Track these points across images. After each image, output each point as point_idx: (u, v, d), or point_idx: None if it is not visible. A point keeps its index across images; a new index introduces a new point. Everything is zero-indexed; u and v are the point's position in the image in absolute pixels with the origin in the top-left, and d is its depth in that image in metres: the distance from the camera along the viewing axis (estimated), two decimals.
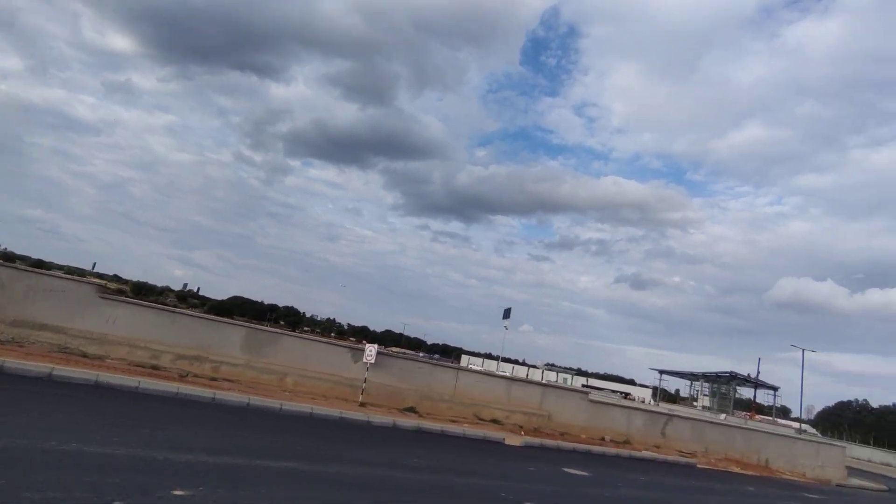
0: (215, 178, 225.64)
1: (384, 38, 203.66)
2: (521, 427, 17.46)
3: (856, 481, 26.27)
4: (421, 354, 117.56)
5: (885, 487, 25.54)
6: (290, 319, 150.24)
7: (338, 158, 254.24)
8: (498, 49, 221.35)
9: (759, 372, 72.23)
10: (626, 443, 19.80)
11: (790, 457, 23.94)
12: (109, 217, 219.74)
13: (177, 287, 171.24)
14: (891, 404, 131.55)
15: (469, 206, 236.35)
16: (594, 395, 21.09)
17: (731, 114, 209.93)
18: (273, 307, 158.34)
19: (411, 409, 16.17)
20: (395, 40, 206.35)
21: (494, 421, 17.60)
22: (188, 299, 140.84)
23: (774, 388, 75.26)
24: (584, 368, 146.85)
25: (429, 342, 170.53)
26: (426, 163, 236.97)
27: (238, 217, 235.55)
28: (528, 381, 18.94)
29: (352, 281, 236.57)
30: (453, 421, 16.31)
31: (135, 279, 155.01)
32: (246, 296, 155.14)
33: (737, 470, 19.73)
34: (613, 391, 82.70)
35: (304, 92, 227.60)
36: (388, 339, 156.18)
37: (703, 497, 12.19)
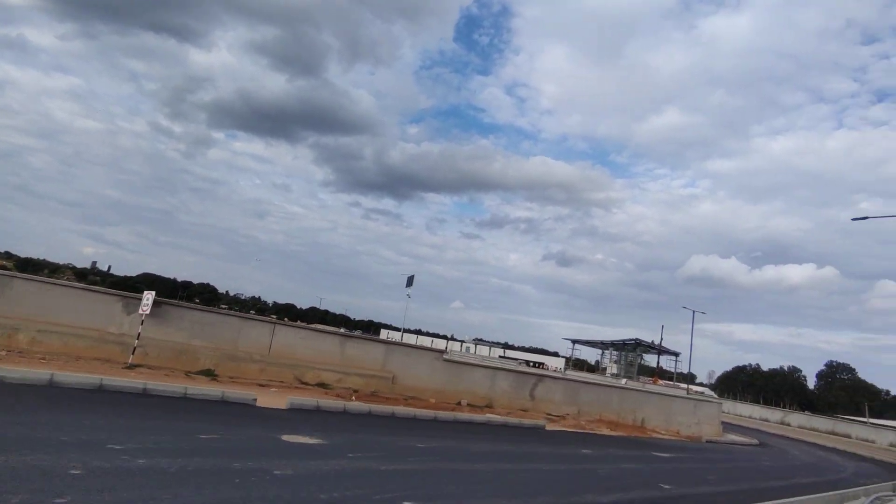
0: (129, 150, 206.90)
1: (315, 6, 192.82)
2: (354, 391, 14.66)
3: (731, 437, 25.77)
4: (342, 329, 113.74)
5: (755, 441, 25.13)
6: (205, 297, 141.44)
7: (265, 131, 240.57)
8: (432, 24, 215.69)
9: (661, 339, 74.22)
10: (489, 407, 17.55)
11: (667, 415, 22.77)
12: (1, 189, 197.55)
13: (84, 265, 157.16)
14: (778, 367, 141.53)
15: (401, 184, 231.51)
16: (454, 355, 18.67)
17: (652, 99, 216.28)
18: (187, 284, 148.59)
19: (207, 372, 12.92)
20: (326, 8, 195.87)
21: (322, 385, 14.69)
22: (88, 277, 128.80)
23: (676, 354, 77.68)
24: (511, 343, 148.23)
25: (354, 318, 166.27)
26: (358, 138, 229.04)
27: (156, 191, 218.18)
28: (367, 339, 16.14)
29: (281, 259, 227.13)
30: (263, 385, 13.24)
31: (36, 256, 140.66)
32: (164, 274, 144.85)
33: (605, 431, 17.99)
34: (528, 361, 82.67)
35: (227, 59, 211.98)
36: (312, 317, 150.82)
37: (520, 465, 9.87)
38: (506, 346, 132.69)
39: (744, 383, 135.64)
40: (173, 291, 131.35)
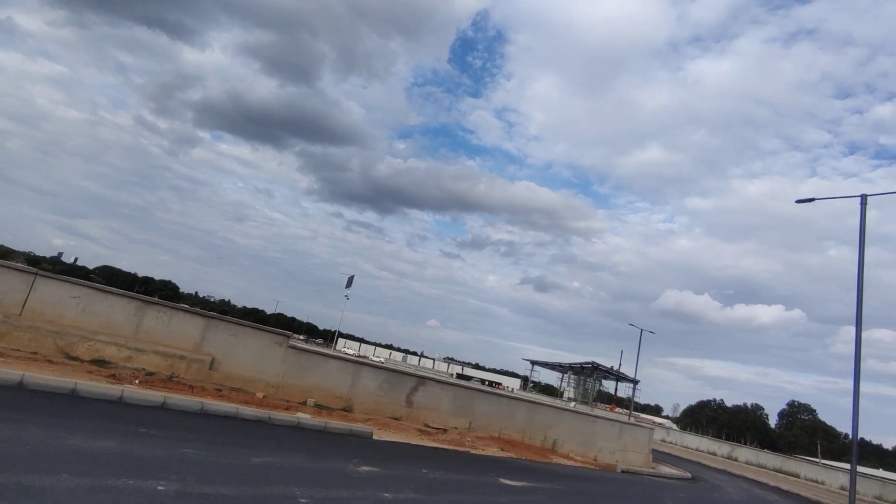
0: (110, 142, 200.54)
1: (313, 14, 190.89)
2: (148, 374, 10.97)
3: (662, 468, 22.45)
4: (301, 337, 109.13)
5: (688, 475, 21.81)
6: (165, 294, 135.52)
7: (252, 135, 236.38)
8: (428, 43, 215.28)
9: (620, 365, 70.96)
10: (346, 410, 13.96)
11: (586, 438, 19.37)
12: None
13: (51, 255, 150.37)
14: (742, 404, 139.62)
15: (385, 198, 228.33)
16: (302, 344, 15.04)
17: (635, 134, 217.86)
18: (148, 279, 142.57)
19: None
20: (324, 18, 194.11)
21: (100, 362, 11.01)
22: (40, 264, 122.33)
23: (635, 382, 74.49)
24: (482, 364, 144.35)
25: (321, 328, 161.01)
26: (345, 149, 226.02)
27: (135, 187, 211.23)
28: (179, 309, 12.51)
29: (257, 264, 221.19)
30: None
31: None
32: (137, 272, 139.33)
33: (492, 451, 14.49)
34: (483, 380, 79.04)
35: (220, 60, 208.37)
36: (276, 322, 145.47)
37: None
38: (476, 367, 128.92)
39: (708, 418, 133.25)
40: (131, 286, 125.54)
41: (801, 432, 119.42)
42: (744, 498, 19.07)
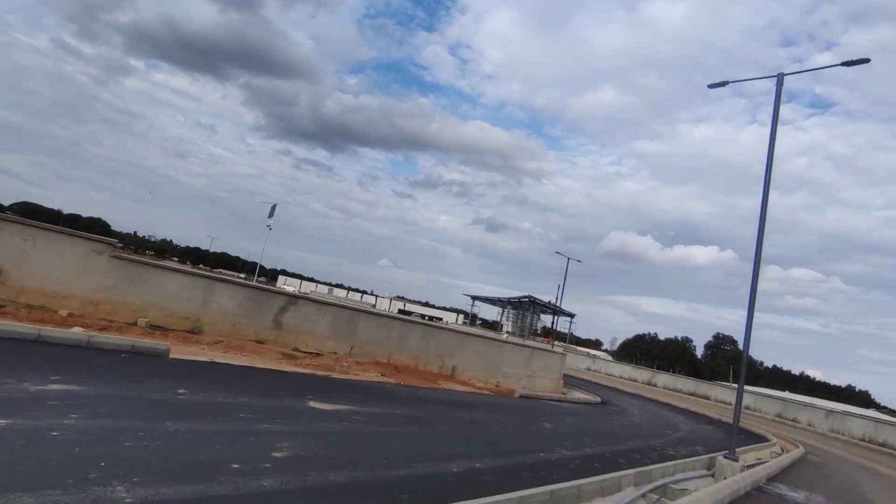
0: (27, 67, 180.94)
1: None
2: None
3: (575, 394, 21.93)
4: (242, 275, 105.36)
5: (597, 399, 21.38)
6: (93, 233, 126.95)
7: (191, 65, 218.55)
8: None
9: (558, 299, 71.85)
10: (194, 332, 11.90)
11: (491, 365, 18.22)
12: None
13: None
14: (673, 337, 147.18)
15: (335, 135, 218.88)
16: (127, 254, 12.80)
17: (590, 75, 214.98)
18: (74, 217, 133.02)
19: None
20: None
21: None
22: None
23: (571, 315, 75.97)
24: (433, 303, 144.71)
25: (267, 266, 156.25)
26: (293, 83, 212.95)
27: (61, 118, 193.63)
28: None
29: (203, 204, 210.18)
30: None
31: None
32: (71, 211, 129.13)
33: (371, 377, 12.93)
34: (423, 315, 78.73)
35: None
36: (219, 262, 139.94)
37: None
38: (426, 305, 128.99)
39: (642, 350, 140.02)
40: (54, 224, 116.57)
41: (724, 361, 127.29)
42: (648, 420, 18.63)
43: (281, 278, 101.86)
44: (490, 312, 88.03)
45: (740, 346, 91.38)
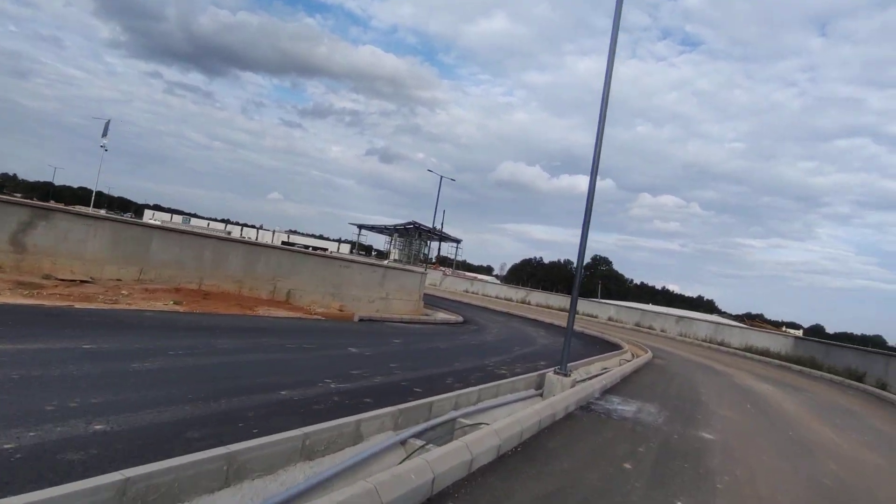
0: None
1: None
2: None
3: (439, 315, 20.65)
4: (102, 211, 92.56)
5: (460, 319, 20.31)
6: None
7: None
8: None
9: (442, 224, 71.26)
10: None
11: (337, 287, 16.01)
12: None
13: None
14: (557, 260, 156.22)
15: (212, 57, 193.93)
16: None
17: (482, 1, 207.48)
18: None
19: None
20: None
21: None
22: None
23: (457, 241, 76.08)
24: (326, 236, 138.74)
25: (138, 202, 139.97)
26: None
27: None
28: None
29: (58, 133, 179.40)
30: None
31: None
32: None
33: (152, 306, 10.09)
34: (307, 246, 74.84)
35: None
36: (77, 198, 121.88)
37: None
38: (320, 238, 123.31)
39: (528, 274, 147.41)
40: None
41: (599, 280, 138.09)
42: (505, 336, 17.78)
43: (148, 213, 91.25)
44: (379, 242, 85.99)
45: (614, 266, 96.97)
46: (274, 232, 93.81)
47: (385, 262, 52.74)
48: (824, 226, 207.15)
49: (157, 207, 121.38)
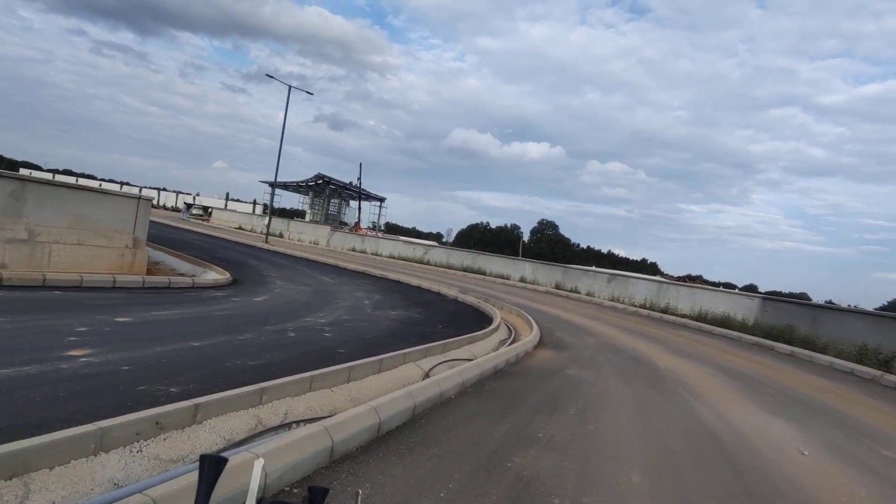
0: None
1: None
2: None
3: (211, 275, 11.66)
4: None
5: (228, 279, 11.41)
6: None
7: None
8: None
9: (360, 180, 61.44)
10: None
11: None
12: None
13: None
14: (503, 225, 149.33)
15: (143, 13, 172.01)
16: None
17: None
18: None
19: None
20: None
21: None
22: None
23: (381, 199, 66.52)
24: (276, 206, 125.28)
25: (45, 167, 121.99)
26: None
27: None
28: None
29: None
30: None
31: None
32: None
33: None
34: (206, 207, 63.95)
35: None
36: None
37: None
38: (254, 204, 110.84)
39: (475, 239, 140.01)
40: None
41: (545, 245, 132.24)
42: (305, 298, 8.88)
43: (24, 171, 77.32)
44: (295, 202, 75.45)
45: (561, 231, 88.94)
46: (199, 197, 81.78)
47: (26, 174, 43.36)
48: (758, 191, 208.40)
49: (69, 172, 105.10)
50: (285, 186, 66.56)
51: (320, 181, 56.16)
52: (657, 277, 35.06)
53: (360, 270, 19.74)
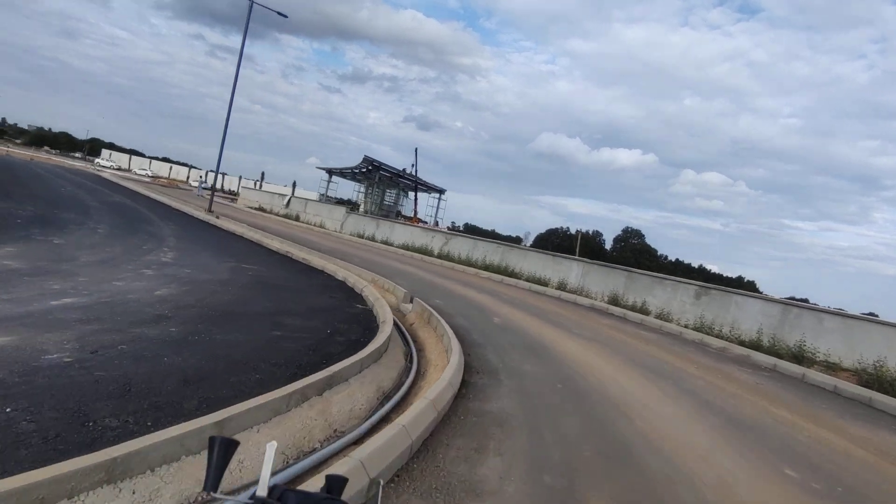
0: None
1: None
2: None
3: None
4: (78, 154, 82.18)
5: None
6: None
7: None
8: None
9: (415, 167, 55.21)
10: None
11: None
12: None
13: None
14: (585, 231, 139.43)
15: (253, 18, 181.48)
16: None
17: None
18: None
19: None
20: None
21: None
22: None
23: (440, 191, 59.92)
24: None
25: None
26: None
27: None
28: None
29: (102, 94, 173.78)
30: None
31: None
32: None
33: None
34: (273, 191, 60.86)
35: None
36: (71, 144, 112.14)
37: None
38: (293, 187, 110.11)
39: (555, 244, 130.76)
40: None
41: (630, 253, 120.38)
42: None
43: (105, 152, 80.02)
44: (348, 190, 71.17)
45: (647, 241, 77.56)
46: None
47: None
48: (882, 210, 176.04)
49: (112, 146, 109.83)
50: (341, 173, 62.03)
51: (369, 167, 50.47)
52: (777, 297, 24.58)
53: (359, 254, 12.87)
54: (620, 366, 7.68)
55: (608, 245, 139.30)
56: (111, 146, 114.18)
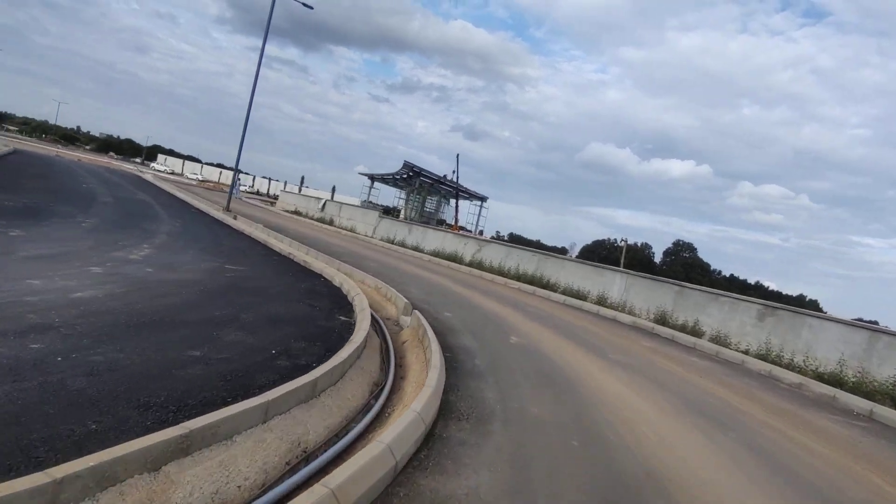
0: None
1: None
2: None
3: None
4: (138, 159, 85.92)
5: None
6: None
7: None
8: None
9: (456, 173, 53.66)
10: None
11: None
12: None
13: None
14: (633, 243, 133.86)
15: (307, 32, 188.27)
16: None
17: None
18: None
19: None
20: None
21: None
22: None
23: (482, 198, 58.23)
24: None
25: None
26: None
27: None
28: None
29: (167, 103, 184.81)
30: None
31: None
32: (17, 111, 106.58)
33: None
34: (312, 195, 61.01)
35: None
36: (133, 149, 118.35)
37: None
38: (333, 191, 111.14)
39: (601, 257, 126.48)
40: None
41: (680, 268, 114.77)
42: None
43: (161, 157, 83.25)
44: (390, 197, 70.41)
45: (699, 254, 72.81)
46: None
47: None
48: None
49: (169, 152, 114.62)
50: (382, 179, 61.51)
51: (410, 172, 49.49)
52: (861, 321, 21.26)
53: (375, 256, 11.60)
54: (668, 409, 5.82)
55: (657, 258, 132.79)
56: (170, 152, 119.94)
